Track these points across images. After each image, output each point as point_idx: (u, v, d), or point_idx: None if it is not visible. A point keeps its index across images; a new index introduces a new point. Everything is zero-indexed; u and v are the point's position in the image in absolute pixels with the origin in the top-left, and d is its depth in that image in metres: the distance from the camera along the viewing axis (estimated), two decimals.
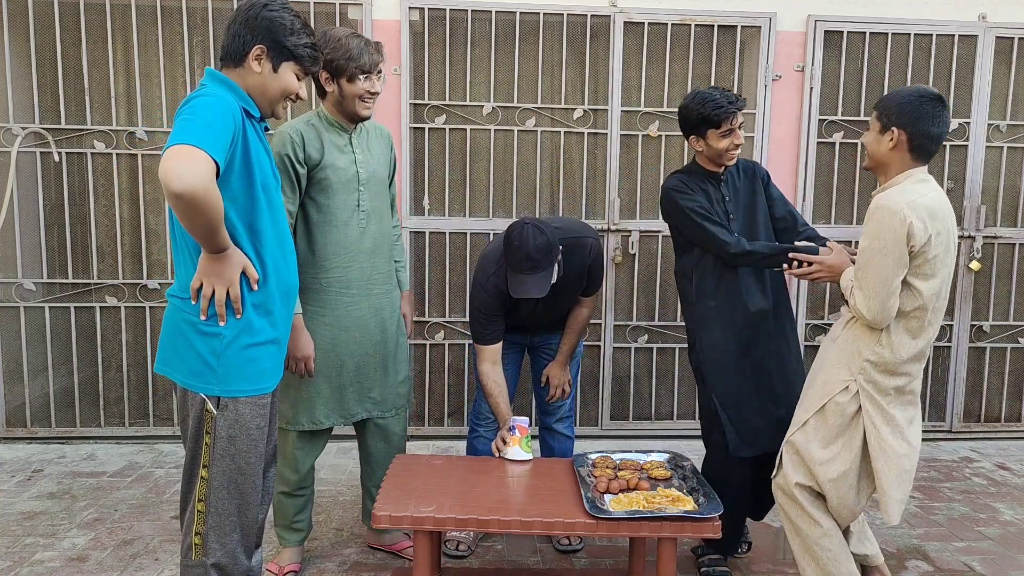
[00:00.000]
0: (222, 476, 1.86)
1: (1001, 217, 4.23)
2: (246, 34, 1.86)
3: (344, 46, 2.37)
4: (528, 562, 2.81)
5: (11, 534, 2.91)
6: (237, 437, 1.85)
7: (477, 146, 3.98)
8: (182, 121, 1.68)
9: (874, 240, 2.04)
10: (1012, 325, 4.29)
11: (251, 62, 1.86)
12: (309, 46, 1.92)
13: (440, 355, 4.08)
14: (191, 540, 1.89)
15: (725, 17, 3.93)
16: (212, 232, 1.71)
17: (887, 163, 2.15)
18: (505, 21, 3.90)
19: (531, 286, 2.42)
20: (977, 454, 4.06)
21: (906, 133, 2.09)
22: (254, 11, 1.86)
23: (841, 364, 2.20)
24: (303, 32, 1.90)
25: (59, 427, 3.94)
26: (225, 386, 1.83)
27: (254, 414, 1.87)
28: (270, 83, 1.89)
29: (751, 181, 2.64)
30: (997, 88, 4.12)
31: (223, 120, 1.71)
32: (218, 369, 1.82)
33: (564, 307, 2.77)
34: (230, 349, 1.82)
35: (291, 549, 2.65)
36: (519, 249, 2.40)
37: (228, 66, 1.89)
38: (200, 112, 1.69)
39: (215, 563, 1.89)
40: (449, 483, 2.23)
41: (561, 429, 2.89)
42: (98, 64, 3.83)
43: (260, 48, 1.86)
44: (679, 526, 2.00)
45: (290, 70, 1.91)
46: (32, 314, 3.89)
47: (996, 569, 2.81)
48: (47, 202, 3.91)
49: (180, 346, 1.85)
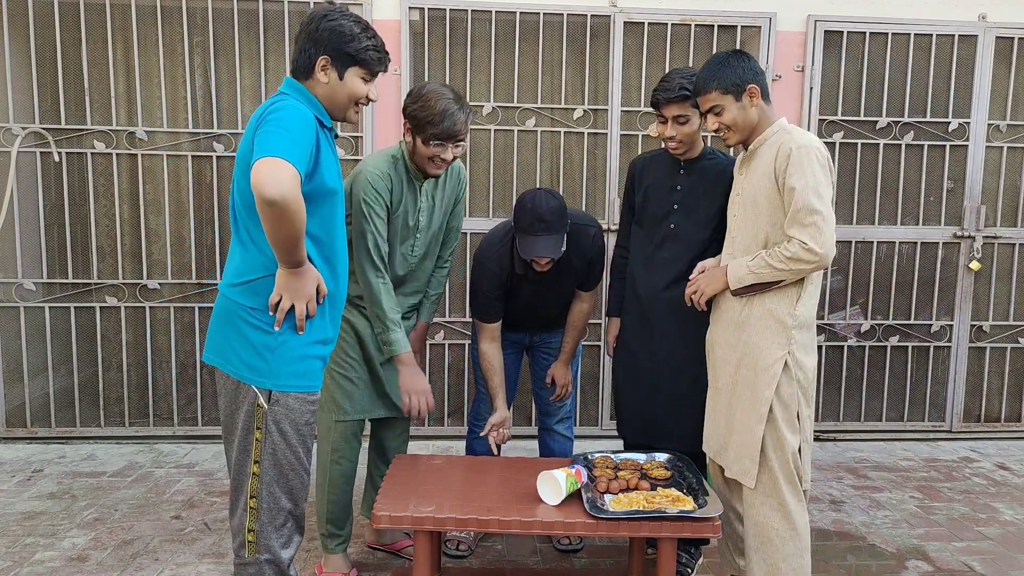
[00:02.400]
0: (272, 471, 1.88)
1: (1001, 217, 4.24)
2: (311, 47, 1.92)
3: (431, 108, 2.33)
4: (528, 562, 2.81)
5: (11, 534, 2.91)
6: (288, 432, 1.88)
7: (477, 146, 3.98)
8: (269, 133, 1.73)
9: (809, 177, 2.08)
10: (1012, 325, 4.29)
11: (318, 73, 1.92)
12: (372, 48, 1.95)
13: (440, 355, 4.08)
14: (244, 537, 1.90)
15: (725, 17, 3.93)
16: (294, 243, 1.77)
17: (755, 122, 2.21)
18: (505, 21, 3.90)
19: (541, 247, 2.45)
20: (977, 454, 4.06)
21: (757, 84, 2.19)
22: (315, 23, 1.92)
23: (766, 344, 2.17)
24: (364, 36, 1.94)
25: (59, 427, 3.94)
26: (277, 380, 1.86)
27: (303, 410, 1.90)
28: (338, 91, 1.94)
29: (716, 182, 2.51)
30: (997, 88, 4.12)
31: (305, 133, 1.77)
32: (271, 363, 1.85)
33: (565, 293, 2.75)
34: (285, 345, 1.86)
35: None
36: (532, 211, 2.44)
37: (299, 78, 1.94)
38: (285, 124, 1.75)
39: (268, 559, 1.91)
40: (449, 483, 2.23)
41: (561, 430, 2.89)
42: (98, 64, 3.83)
43: (325, 59, 1.91)
44: (679, 526, 2.00)
45: (356, 75, 1.95)
46: (32, 314, 3.89)
47: (996, 569, 2.81)
48: (47, 202, 3.91)
49: (233, 338, 1.88)
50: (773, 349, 2.16)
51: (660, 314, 2.55)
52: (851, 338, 4.22)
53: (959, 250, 4.20)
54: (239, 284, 1.88)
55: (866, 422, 4.27)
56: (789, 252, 2.08)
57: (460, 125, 2.36)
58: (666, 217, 2.55)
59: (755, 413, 2.17)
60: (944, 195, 4.18)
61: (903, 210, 4.17)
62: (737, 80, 2.18)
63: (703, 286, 2.30)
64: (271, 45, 3.88)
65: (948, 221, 4.20)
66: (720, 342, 2.32)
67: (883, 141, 4.11)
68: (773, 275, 2.13)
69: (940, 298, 4.23)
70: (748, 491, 2.21)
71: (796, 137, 2.13)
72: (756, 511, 2.19)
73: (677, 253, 2.53)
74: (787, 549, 2.16)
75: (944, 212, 4.19)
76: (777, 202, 2.14)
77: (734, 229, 2.30)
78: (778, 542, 2.16)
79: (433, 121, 2.33)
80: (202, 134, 3.88)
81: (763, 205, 2.17)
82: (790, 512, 2.15)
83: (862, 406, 4.27)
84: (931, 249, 4.20)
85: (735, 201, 2.31)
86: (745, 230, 2.24)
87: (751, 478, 2.18)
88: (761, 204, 2.17)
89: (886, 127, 4.10)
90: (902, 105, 4.10)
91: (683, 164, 2.55)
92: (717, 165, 2.55)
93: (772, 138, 2.18)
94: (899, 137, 4.12)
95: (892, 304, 4.23)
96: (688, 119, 2.44)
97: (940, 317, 4.25)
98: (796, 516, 2.16)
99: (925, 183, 4.15)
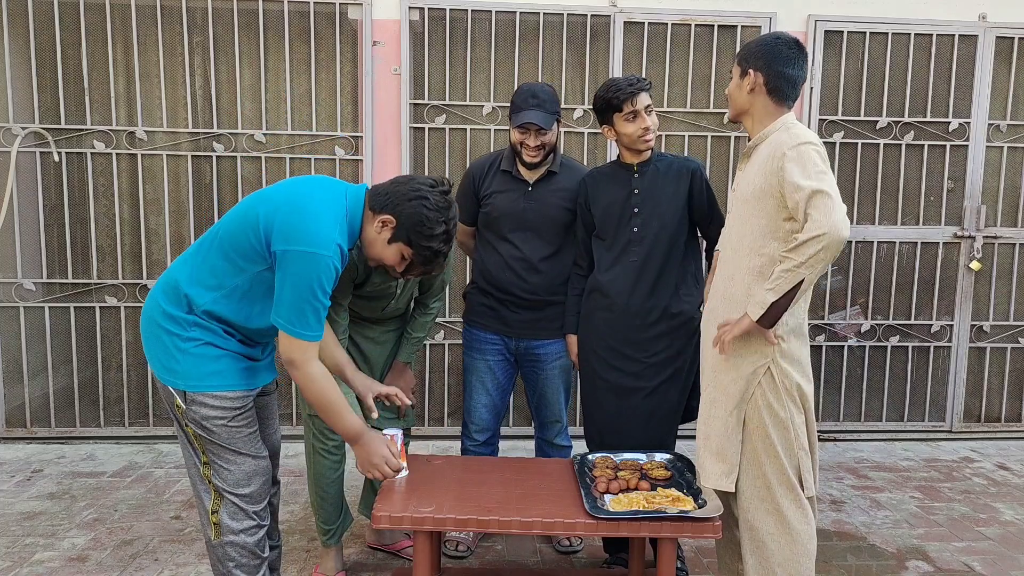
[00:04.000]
0: (218, 460, 1.96)
1: (1001, 217, 4.23)
2: (391, 202, 1.93)
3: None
4: (528, 562, 2.81)
5: (11, 534, 2.91)
6: (213, 429, 1.94)
7: (477, 146, 3.97)
8: (289, 290, 1.84)
9: (812, 166, 1.99)
10: (1012, 325, 4.29)
11: (377, 222, 1.95)
12: (433, 252, 1.97)
13: (440, 355, 4.08)
14: (209, 520, 2.00)
15: (725, 17, 3.93)
16: (326, 414, 1.99)
17: (747, 108, 2.16)
18: (505, 21, 3.90)
19: (533, 116, 2.55)
20: (977, 454, 4.06)
21: (763, 75, 2.11)
22: (411, 195, 1.93)
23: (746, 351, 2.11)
24: (439, 238, 1.95)
25: (59, 427, 3.94)
26: (189, 381, 1.92)
27: (223, 407, 1.94)
28: (378, 247, 1.98)
29: (677, 180, 2.52)
30: (997, 88, 4.12)
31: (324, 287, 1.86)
32: (184, 364, 1.92)
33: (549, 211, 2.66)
34: (196, 347, 1.92)
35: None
36: (528, 89, 2.60)
37: (369, 204, 1.97)
38: (306, 284, 1.83)
39: (231, 541, 1.99)
40: (449, 483, 2.23)
41: (558, 442, 2.86)
42: (98, 64, 3.83)
43: (391, 219, 1.93)
44: (679, 526, 1.99)
45: (400, 251, 1.98)
46: (32, 314, 3.89)
47: (996, 569, 2.81)
48: (47, 202, 3.91)
49: (153, 340, 1.96)
50: (753, 357, 2.11)
51: (632, 314, 2.51)
52: (851, 338, 4.22)
53: (959, 250, 4.20)
54: (168, 287, 1.96)
55: (866, 422, 4.27)
56: (799, 240, 1.95)
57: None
58: (628, 222, 2.52)
59: (732, 420, 2.14)
60: (944, 195, 4.18)
61: (903, 210, 4.17)
62: (751, 59, 2.13)
63: (725, 335, 2.11)
64: (271, 45, 3.88)
65: (948, 221, 4.20)
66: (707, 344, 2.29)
67: (883, 141, 4.11)
68: (792, 276, 1.97)
69: (940, 298, 4.23)
70: (742, 494, 2.19)
71: (794, 134, 2.08)
72: (751, 514, 2.18)
73: (643, 255, 2.50)
74: (783, 553, 2.13)
75: (944, 212, 4.19)
76: (773, 200, 2.09)
77: (728, 223, 2.27)
78: (773, 546, 2.14)
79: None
80: (202, 134, 3.88)
81: (759, 202, 2.12)
82: (785, 516, 2.12)
83: (862, 406, 4.27)
84: (931, 249, 4.20)
85: (732, 196, 2.29)
86: (738, 226, 2.20)
87: (729, 483, 2.16)
88: (756, 200, 2.13)
89: (886, 127, 4.10)
90: (902, 105, 4.10)
91: (636, 167, 2.53)
92: (672, 164, 2.54)
93: (772, 136, 2.14)
94: (899, 137, 4.12)
95: (892, 304, 4.23)
96: (652, 108, 2.47)
97: (940, 317, 4.25)
98: (794, 521, 2.12)
99: (925, 183, 4.15)
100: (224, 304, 1.93)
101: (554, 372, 2.78)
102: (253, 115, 3.91)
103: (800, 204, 1.97)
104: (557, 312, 2.73)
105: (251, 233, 1.87)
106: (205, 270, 1.94)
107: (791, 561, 2.13)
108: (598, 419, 2.60)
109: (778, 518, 2.13)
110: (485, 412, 2.81)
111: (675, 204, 2.52)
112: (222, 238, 1.93)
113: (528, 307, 2.72)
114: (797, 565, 2.13)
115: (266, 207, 1.88)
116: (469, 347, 2.84)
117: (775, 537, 2.14)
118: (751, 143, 2.20)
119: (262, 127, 3.89)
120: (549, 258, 2.69)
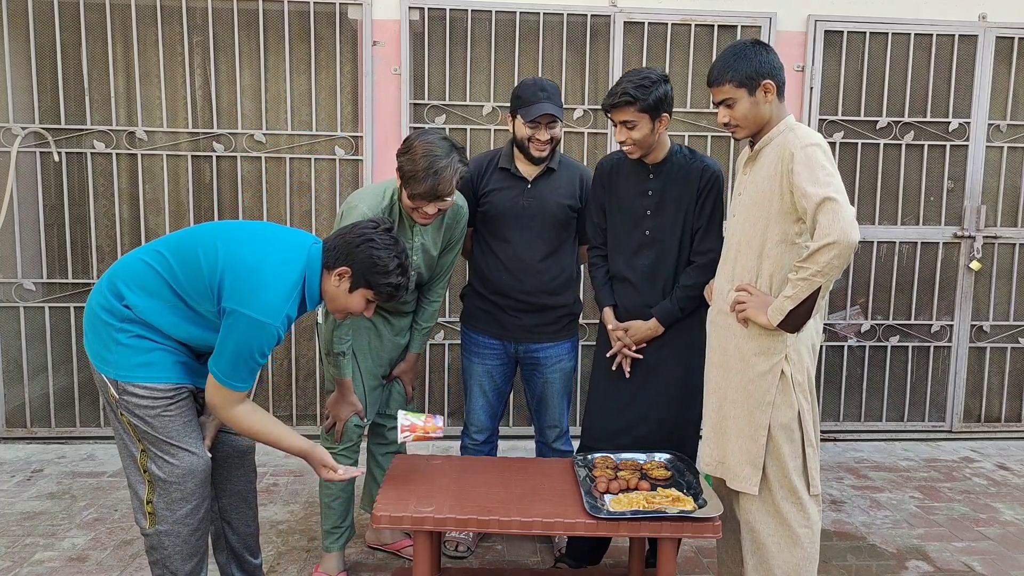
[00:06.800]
0: (152, 448, 2.00)
1: (1001, 217, 4.23)
2: (342, 254, 2.00)
3: (415, 163, 2.26)
4: (528, 562, 2.81)
5: (11, 534, 2.91)
6: (146, 418, 1.97)
7: (477, 146, 3.97)
8: (231, 344, 1.91)
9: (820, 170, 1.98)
10: (1012, 325, 4.29)
11: (334, 275, 2.02)
12: (393, 286, 2.02)
13: (440, 355, 4.08)
14: (144, 510, 2.03)
15: (725, 17, 3.93)
16: (267, 443, 2.06)
17: (767, 117, 2.13)
18: (505, 21, 3.90)
19: (548, 107, 2.54)
20: (977, 454, 4.06)
21: (773, 79, 2.11)
22: (358, 241, 2.00)
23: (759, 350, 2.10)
24: (394, 274, 2.02)
25: (59, 427, 3.94)
26: (119, 371, 1.96)
27: (154, 397, 1.97)
28: (340, 299, 2.05)
29: (687, 180, 2.46)
30: (997, 88, 4.12)
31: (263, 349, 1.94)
32: (116, 353, 1.96)
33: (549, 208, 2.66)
34: (129, 338, 1.97)
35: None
36: (534, 83, 2.59)
37: (324, 261, 2.03)
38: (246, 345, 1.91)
39: (166, 530, 2.02)
40: (449, 483, 2.23)
41: (559, 447, 2.85)
42: (98, 64, 3.83)
43: (346, 270, 2.00)
44: (679, 526, 2.00)
45: (363, 295, 2.04)
46: (32, 314, 3.89)
47: (996, 569, 2.81)
48: (47, 202, 3.91)
49: (90, 329, 2.02)
50: (764, 356, 2.11)
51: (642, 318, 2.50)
52: (851, 338, 4.22)
53: (959, 250, 4.20)
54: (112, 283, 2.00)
55: (866, 422, 4.27)
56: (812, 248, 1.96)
57: (444, 185, 2.25)
58: (639, 222, 2.49)
59: (753, 422, 2.13)
60: (944, 195, 4.18)
61: (903, 210, 4.17)
62: (753, 73, 2.09)
63: (751, 311, 2.10)
64: (271, 45, 3.88)
65: (948, 221, 4.20)
66: (712, 345, 2.29)
67: (883, 141, 4.11)
68: (808, 284, 1.98)
69: (940, 298, 4.23)
70: (744, 495, 2.19)
71: (799, 135, 2.07)
72: (752, 516, 2.17)
73: (654, 258, 2.48)
74: (784, 556, 2.12)
75: (944, 212, 4.19)
76: (781, 204, 2.08)
77: (731, 228, 2.24)
78: (773, 548, 2.13)
79: (416, 178, 2.25)
80: (201, 134, 3.88)
81: (767, 206, 2.10)
82: (787, 519, 2.12)
83: (862, 406, 4.27)
84: (931, 249, 4.20)
85: (735, 200, 2.26)
86: (743, 230, 2.17)
87: (753, 485, 2.14)
88: (764, 205, 2.11)
89: (886, 127, 4.10)
90: (902, 105, 4.10)
91: (651, 168, 2.49)
92: (685, 165, 2.47)
93: (778, 138, 2.12)
94: (899, 137, 4.12)
95: (892, 304, 4.23)
96: (635, 124, 2.35)
97: (940, 317, 4.25)
98: (795, 524, 2.12)
99: (925, 183, 4.15)
100: (161, 316, 1.98)
101: (555, 376, 2.78)
102: (253, 115, 3.91)
103: (809, 211, 1.97)
104: (556, 315, 2.73)
105: (205, 274, 1.95)
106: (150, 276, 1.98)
107: (791, 563, 2.13)
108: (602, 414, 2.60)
109: (779, 520, 2.13)
110: (483, 415, 2.82)
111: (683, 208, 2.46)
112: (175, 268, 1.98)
113: (526, 311, 2.71)
114: (797, 568, 2.13)
115: (224, 256, 1.93)
116: (467, 350, 2.83)
117: (775, 539, 2.13)
118: (756, 147, 2.18)
119: (262, 127, 3.89)
120: (547, 258, 2.68)
